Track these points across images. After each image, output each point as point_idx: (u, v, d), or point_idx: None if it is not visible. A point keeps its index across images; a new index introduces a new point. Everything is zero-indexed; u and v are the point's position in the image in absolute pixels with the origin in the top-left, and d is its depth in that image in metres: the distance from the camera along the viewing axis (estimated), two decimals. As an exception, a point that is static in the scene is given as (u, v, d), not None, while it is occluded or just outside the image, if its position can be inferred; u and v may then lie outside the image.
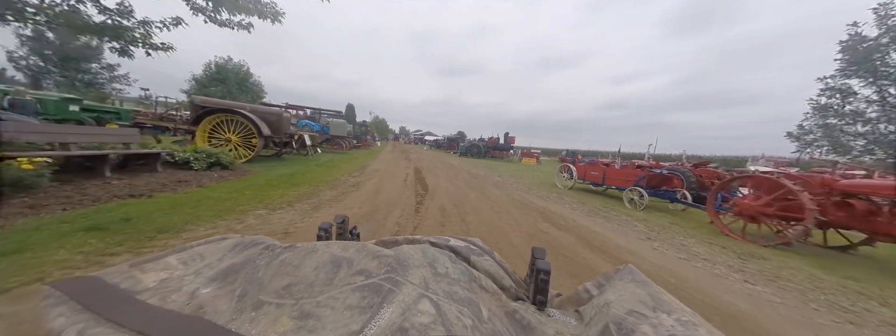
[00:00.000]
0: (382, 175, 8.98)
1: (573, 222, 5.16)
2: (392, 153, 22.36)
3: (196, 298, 0.44)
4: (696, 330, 0.40)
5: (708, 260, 3.76)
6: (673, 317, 0.42)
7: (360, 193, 5.86)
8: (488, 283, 0.54)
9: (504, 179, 11.13)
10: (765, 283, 3.13)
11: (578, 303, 0.55)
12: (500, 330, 0.42)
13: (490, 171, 14.47)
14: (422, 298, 0.41)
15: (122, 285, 0.44)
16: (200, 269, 0.51)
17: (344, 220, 0.82)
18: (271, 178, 6.51)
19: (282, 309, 0.40)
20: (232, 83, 28.28)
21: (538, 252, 0.61)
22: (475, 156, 25.78)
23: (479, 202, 6.07)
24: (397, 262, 0.49)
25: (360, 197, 5.53)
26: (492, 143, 26.89)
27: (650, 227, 5.27)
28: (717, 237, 5.01)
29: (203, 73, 28.64)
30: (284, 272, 0.46)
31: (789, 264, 3.82)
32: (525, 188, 9.15)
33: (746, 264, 3.71)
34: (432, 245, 0.62)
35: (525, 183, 10.66)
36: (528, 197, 7.50)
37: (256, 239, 0.60)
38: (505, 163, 22.99)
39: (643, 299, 0.46)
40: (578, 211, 6.27)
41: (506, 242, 3.69)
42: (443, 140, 51.35)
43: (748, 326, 2.25)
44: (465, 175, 11.40)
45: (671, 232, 5.12)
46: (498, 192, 7.64)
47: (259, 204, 4.35)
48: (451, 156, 26.55)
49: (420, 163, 15.23)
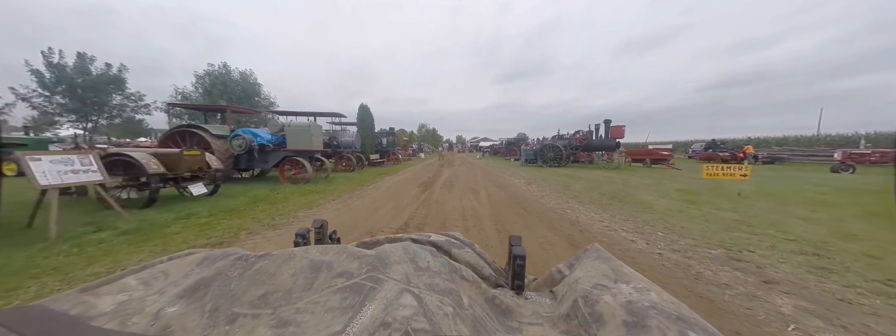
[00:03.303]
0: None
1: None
2: (423, 170, 14.92)
3: (161, 319, 0.41)
4: (649, 294, 0.43)
5: None
6: (631, 285, 0.45)
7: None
8: (469, 273, 0.55)
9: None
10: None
11: (552, 284, 0.56)
12: (480, 315, 0.43)
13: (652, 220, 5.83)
14: (403, 293, 0.41)
15: (72, 312, 0.41)
16: (164, 287, 0.49)
17: (322, 224, 0.79)
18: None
19: (258, 319, 0.39)
20: (233, 96, 23.99)
21: (514, 240, 0.62)
22: (550, 163, 16.93)
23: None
24: (378, 261, 0.49)
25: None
26: (580, 141, 17.36)
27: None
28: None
29: (195, 85, 24.98)
30: (260, 281, 0.46)
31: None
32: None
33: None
34: (414, 242, 0.62)
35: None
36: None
37: (228, 251, 0.58)
38: (616, 174, 13.79)
39: (606, 273, 0.49)
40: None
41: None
42: (500, 145, 42.98)
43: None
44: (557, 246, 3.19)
45: None
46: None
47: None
48: (509, 165, 18.20)
49: (444, 194, 7.41)
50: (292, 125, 9.10)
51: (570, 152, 17.13)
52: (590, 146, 17.24)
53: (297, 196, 6.76)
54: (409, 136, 50.97)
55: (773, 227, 4.29)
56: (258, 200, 6.12)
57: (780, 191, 7.82)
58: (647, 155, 17.71)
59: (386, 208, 5.63)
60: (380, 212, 5.33)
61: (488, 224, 4.49)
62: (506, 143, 34.91)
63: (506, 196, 7.18)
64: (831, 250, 3.36)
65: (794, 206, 5.79)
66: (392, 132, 21.81)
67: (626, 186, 8.70)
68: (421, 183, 9.48)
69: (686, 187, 8.43)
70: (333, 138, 13.58)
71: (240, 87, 25.43)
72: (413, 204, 6.09)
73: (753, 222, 4.51)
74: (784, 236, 3.86)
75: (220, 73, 25.69)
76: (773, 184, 9.42)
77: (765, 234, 3.97)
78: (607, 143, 16.65)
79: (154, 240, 3.57)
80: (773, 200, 6.38)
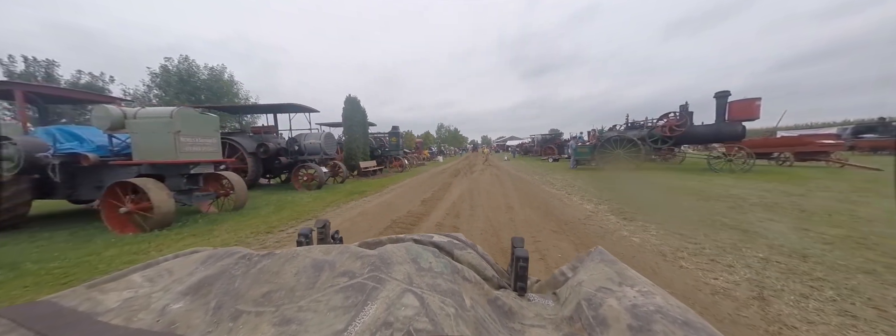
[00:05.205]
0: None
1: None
2: (425, 185, 10.38)
3: (167, 315, 0.42)
4: (654, 297, 0.42)
5: None
6: (635, 289, 0.44)
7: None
8: (471, 274, 0.54)
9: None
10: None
11: (556, 286, 0.56)
12: (482, 316, 0.43)
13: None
14: (406, 293, 0.41)
15: (80, 308, 0.42)
16: (169, 285, 0.49)
17: (325, 224, 0.77)
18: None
19: (261, 317, 0.39)
20: (201, 95, 20.16)
21: (517, 241, 0.61)
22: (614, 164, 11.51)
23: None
24: (381, 261, 0.49)
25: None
26: (672, 129, 11.20)
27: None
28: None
29: (148, 85, 20.96)
30: (263, 280, 0.46)
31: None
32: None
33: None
34: (416, 242, 0.61)
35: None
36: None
37: (231, 250, 0.57)
38: (751, 181, 8.43)
39: (610, 276, 0.48)
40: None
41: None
42: (531, 143, 37.17)
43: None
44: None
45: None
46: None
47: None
48: (549, 170, 13.04)
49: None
50: (143, 114, 4.63)
51: (657, 146, 11.43)
52: (692, 135, 11.20)
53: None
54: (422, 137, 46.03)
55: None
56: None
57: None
58: (786, 146, 11.48)
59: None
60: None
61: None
62: (540, 141, 29.37)
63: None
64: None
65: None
66: (396, 132, 17.21)
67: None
68: (395, 220, 4.73)
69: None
70: (294, 142, 9.23)
71: (206, 86, 21.06)
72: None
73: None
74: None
75: (181, 68, 21.09)
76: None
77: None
78: (725, 130, 10.40)
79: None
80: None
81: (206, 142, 4.81)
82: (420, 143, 32.80)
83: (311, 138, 9.37)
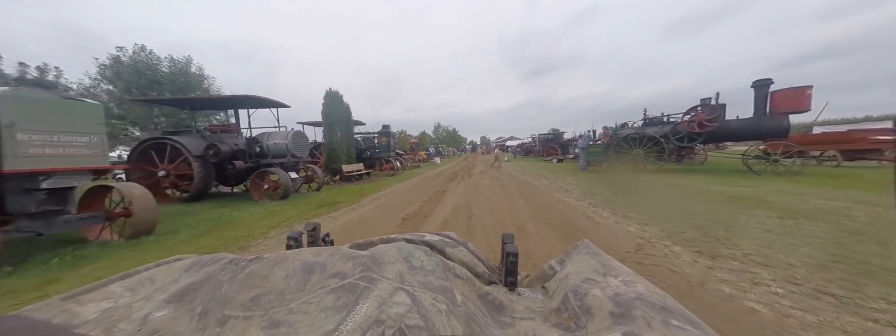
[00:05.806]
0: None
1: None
2: (421, 185, 8.85)
3: (149, 323, 0.40)
4: (635, 286, 0.43)
5: None
6: (618, 279, 0.46)
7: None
8: (462, 271, 0.55)
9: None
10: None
11: (545, 280, 0.56)
12: (473, 312, 0.43)
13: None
14: (397, 291, 0.41)
15: (55, 320, 0.40)
16: (151, 293, 0.47)
17: (315, 227, 0.75)
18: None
19: (250, 321, 0.38)
20: (163, 90, 17.63)
21: (507, 238, 0.62)
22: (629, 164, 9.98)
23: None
24: (373, 261, 0.48)
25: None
26: (702, 125, 9.47)
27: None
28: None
29: (95, 78, 17.73)
30: (252, 284, 0.45)
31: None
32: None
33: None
34: (408, 242, 0.61)
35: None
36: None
37: (217, 256, 0.56)
38: (798, 188, 6.82)
39: (595, 268, 0.50)
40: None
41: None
42: (532, 143, 35.64)
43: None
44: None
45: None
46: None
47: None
48: (555, 171, 11.50)
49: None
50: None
51: (683, 145, 9.86)
52: (726, 131, 9.53)
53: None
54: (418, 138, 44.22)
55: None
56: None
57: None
58: (834, 143, 10.06)
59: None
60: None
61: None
62: (540, 141, 27.97)
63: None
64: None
65: None
66: (386, 132, 15.62)
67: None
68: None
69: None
70: (255, 142, 7.67)
71: (168, 80, 18.41)
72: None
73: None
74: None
75: (137, 59, 18.21)
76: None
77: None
78: (766, 125, 8.82)
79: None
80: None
81: (74, 141, 3.26)
82: (416, 144, 31.20)
83: (276, 138, 7.79)
